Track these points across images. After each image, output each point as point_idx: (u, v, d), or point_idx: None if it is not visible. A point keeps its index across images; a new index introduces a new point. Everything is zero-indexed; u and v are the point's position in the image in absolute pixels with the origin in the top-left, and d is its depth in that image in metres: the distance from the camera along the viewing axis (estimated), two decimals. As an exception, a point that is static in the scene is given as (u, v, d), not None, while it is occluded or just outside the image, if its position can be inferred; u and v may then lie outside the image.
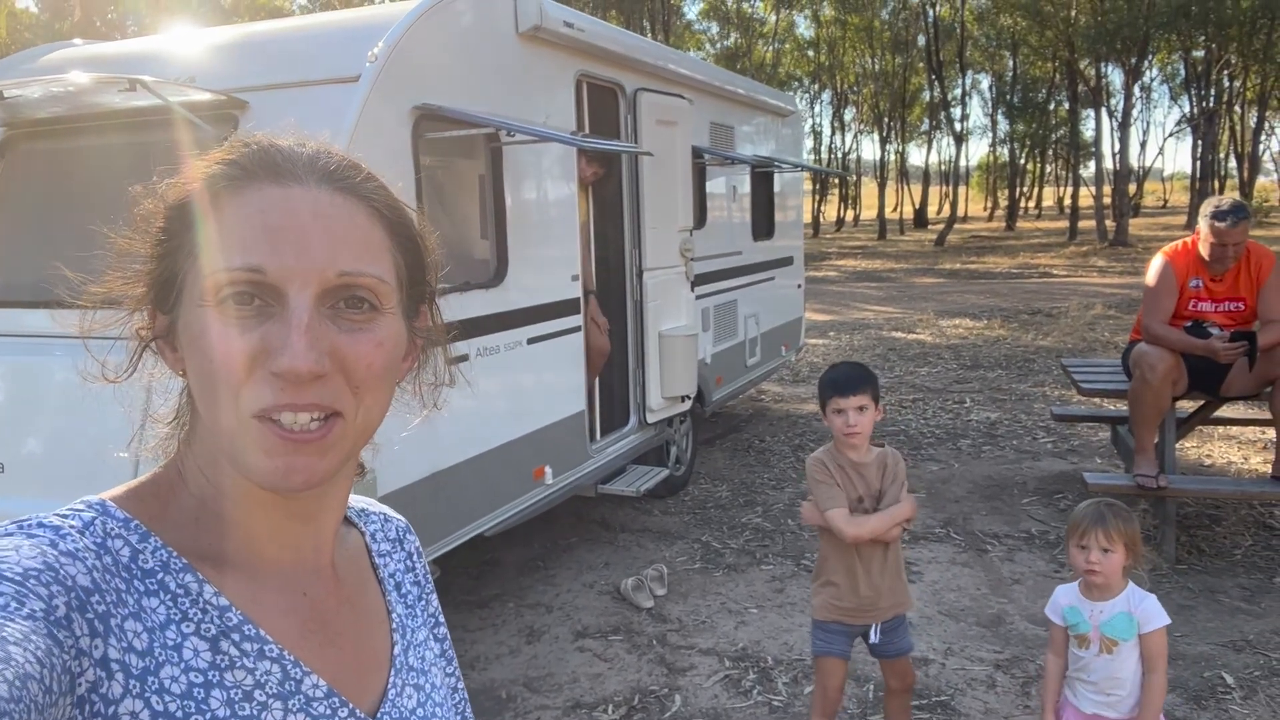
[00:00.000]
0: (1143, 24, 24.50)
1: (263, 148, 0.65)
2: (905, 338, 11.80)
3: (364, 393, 0.64)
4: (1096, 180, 29.28)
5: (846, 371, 2.71)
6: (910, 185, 51.76)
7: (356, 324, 0.63)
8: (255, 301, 0.61)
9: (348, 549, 0.78)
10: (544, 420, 4.25)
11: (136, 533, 0.64)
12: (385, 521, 0.86)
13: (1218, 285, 4.31)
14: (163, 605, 0.62)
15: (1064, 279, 18.71)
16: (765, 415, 7.82)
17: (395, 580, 0.82)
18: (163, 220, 0.66)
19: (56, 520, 0.61)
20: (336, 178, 0.65)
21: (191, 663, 0.61)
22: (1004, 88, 40.90)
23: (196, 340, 0.62)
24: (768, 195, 7.43)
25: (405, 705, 0.75)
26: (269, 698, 0.64)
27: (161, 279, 0.66)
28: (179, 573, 0.63)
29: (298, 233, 0.61)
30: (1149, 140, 74.73)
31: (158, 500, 0.67)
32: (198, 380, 0.63)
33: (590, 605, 4.19)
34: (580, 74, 4.53)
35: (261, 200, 0.62)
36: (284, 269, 0.60)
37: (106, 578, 0.59)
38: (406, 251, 0.69)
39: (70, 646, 0.54)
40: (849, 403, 2.64)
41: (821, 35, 42.15)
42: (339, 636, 0.72)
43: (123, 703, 0.56)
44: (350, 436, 0.64)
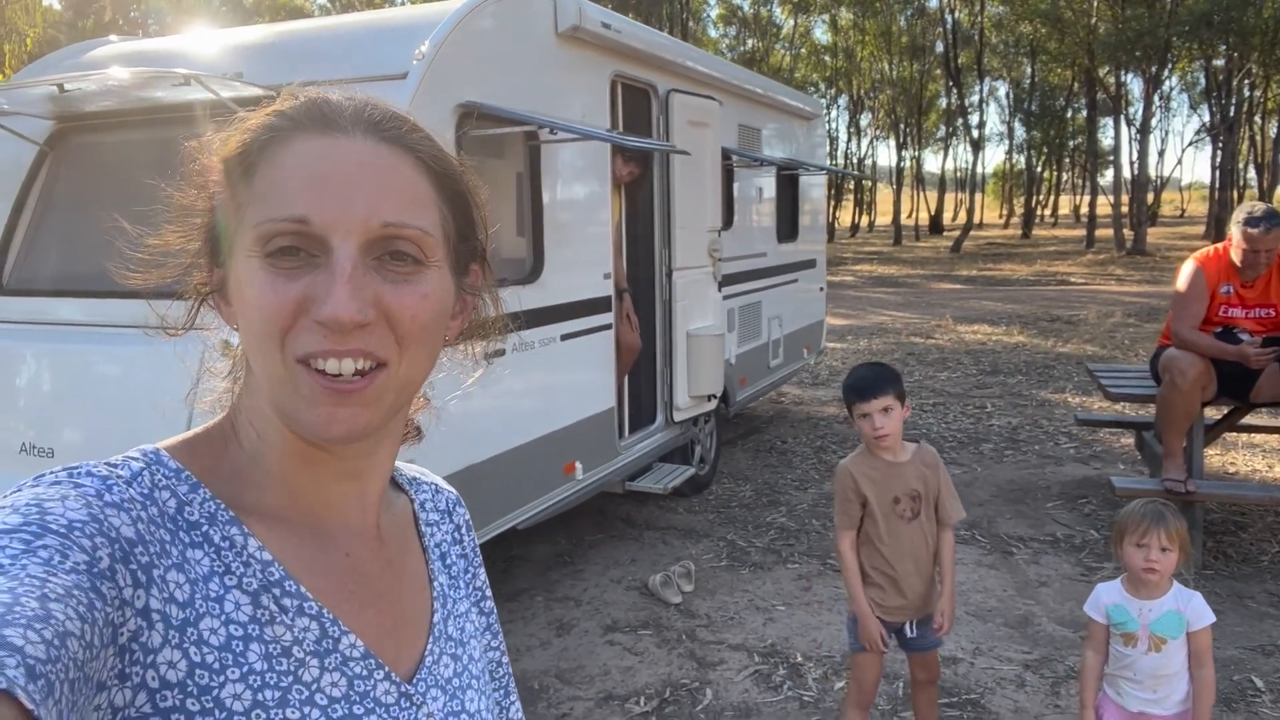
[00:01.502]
0: (1164, 32, 24.39)
1: (311, 100, 0.65)
2: (924, 343, 11.80)
3: (409, 344, 0.64)
4: (1115, 189, 29.16)
5: (867, 374, 2.67)
6: (926, 191, 51.67)
7: (401, 275, 0.63)
8: (301, 253, 0.61)
9: (394, 513, 0.78)
10: (575, 416, 4.30)
11: (186, 483, 0.64)
12: (436, 492, 0.86)
13: (1249, 291, 4.32)
14: (206, 557, 0.62)
15: (1082, 286, 18.66)
16: (786, 417, 7.85)
17: (441, 550, 0.82)
18: (217, 174, 0.66)
19: (105, 470, 0.61)
20: (383, 128, 0.65)
21: (232, 615, 0.61)
22: (1021, 95, 40.80)
23: (244, 291, 0.63)
24: (793, 197, 7.47)
25: (441, 673, 0.74)
26: (306, 654, 0.64)
27: (215, 233, 0.66)
28: (225, 525, 0.64)
29: (342, 182, 0.61)
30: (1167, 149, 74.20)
31: (211, 452, 0.68)
32: (246, 330, 0.63)
33: (618, 600, 4.23)
34: (615, 74, 4.58)
35: (307, 151, 0.62)
36: (327, 219, 0.61)
37: (151, 529, 0.59)
38: (455, 206, 0.69)
39: (114, 598, 0.54)
40: (873, 405, 2.61)
41: (838, 40, 42.14)
42: (379, 599, 0.72)
43: (161, 652, 0.57)
44: (394, 389, 0.64)
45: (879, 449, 2.69)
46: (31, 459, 3.42)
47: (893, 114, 43.00)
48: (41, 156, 3.83)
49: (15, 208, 3.83)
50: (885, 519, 2.69)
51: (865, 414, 2.63)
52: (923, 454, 2.74)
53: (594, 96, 4.40)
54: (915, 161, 46.88)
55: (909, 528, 2.70)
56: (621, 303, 4.80)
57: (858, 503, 2.70)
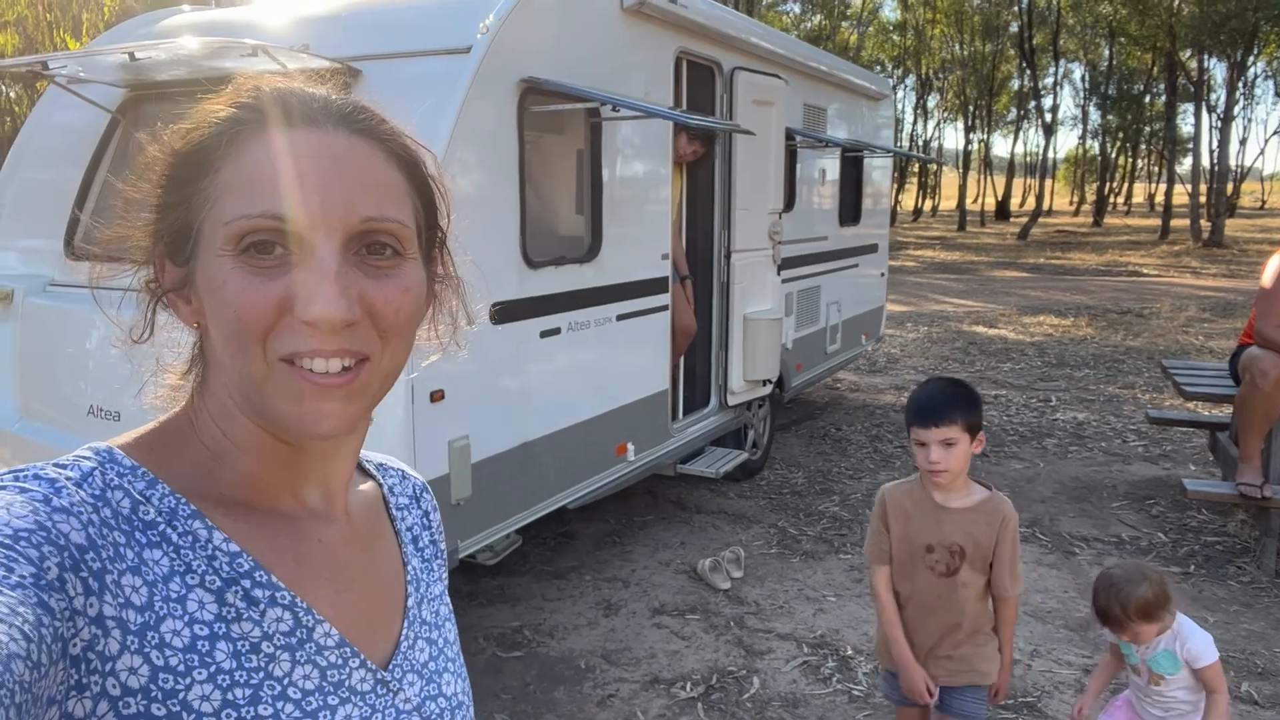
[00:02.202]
0: (1252, 15, 23.32)
1: (276, 91, 0.63)
2: (987, 332, 11.52)
3: (391, 338, 0.63)
4: (1193, 178, 28.11)
5: (934, 393, 2.21)
6: (993, 176, 50.42)
7: (382, 270, 0.63)
8: (277, 249, 0.60)
9: (363, 498, 0.77)
10: (628, 397, 4.27)
11: (143, 480, 0.62)
12: (403, 478, 0.85)
13: (1340, 290, 4.10)
14: (165, 557, 0.60)
15: (1155, 279, 18.04)
16: (842, 404, 7.73)
17: (413, 534, 0.81)
18: (173, 168, 0.64)
19: (53, 472, 0.59)
20: (352, 120, 0.63)
21: (196, 615, 0.60)
22: (1098, 78, 39.45)
23: (218, 291, 0.60)
24: (856, 180, 7.31)
25: (417, 658, 0.74)
26: (277, 649, 0.63)
27: (175, 229, 0.64)
28: (186, 519, 0.62)
29: (319, 178, 0.60)
30: (1249, 138, 71.43)
31: (167, 447, 0.66)
32: (220, 331, 0.61)
33: (667, 583, 4.21)
34: (680, 51, 4.49)
35: (279, 145, 0.61)
36: (307, 216, 0.59)
37: (104, 532, 0.57)
38: (422, 195, 0.68)
39: (63, 610, 0.52)
40: (932, 435, 2.15)
41: (908, 18, 41.18)
42: (354, 584, 0.71)
43: (120, 659, 0.55)
44: (376, 381, 0.64)
45: (931, 485, 2.26)
46: (99, 421, 3.51)
47: (962, 95, 41.92)
48: (113, 124, 3.90)
49: (88, 174, 3.90)
50: (910, 563, 2.29)
51: (922, 443, 2.18)
52: (989, 506, 2.25)
53: (657, 73, 4.33)
54: (984, 145, 45.73)
55: (938, 583, 2.27)
56: (683, 287, 4.75)
57: (887, 534, 2.33)
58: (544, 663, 3.50)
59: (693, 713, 3.19)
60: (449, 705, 0.75)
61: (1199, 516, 5.00)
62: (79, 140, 3.95)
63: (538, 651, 3.59)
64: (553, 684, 3.36)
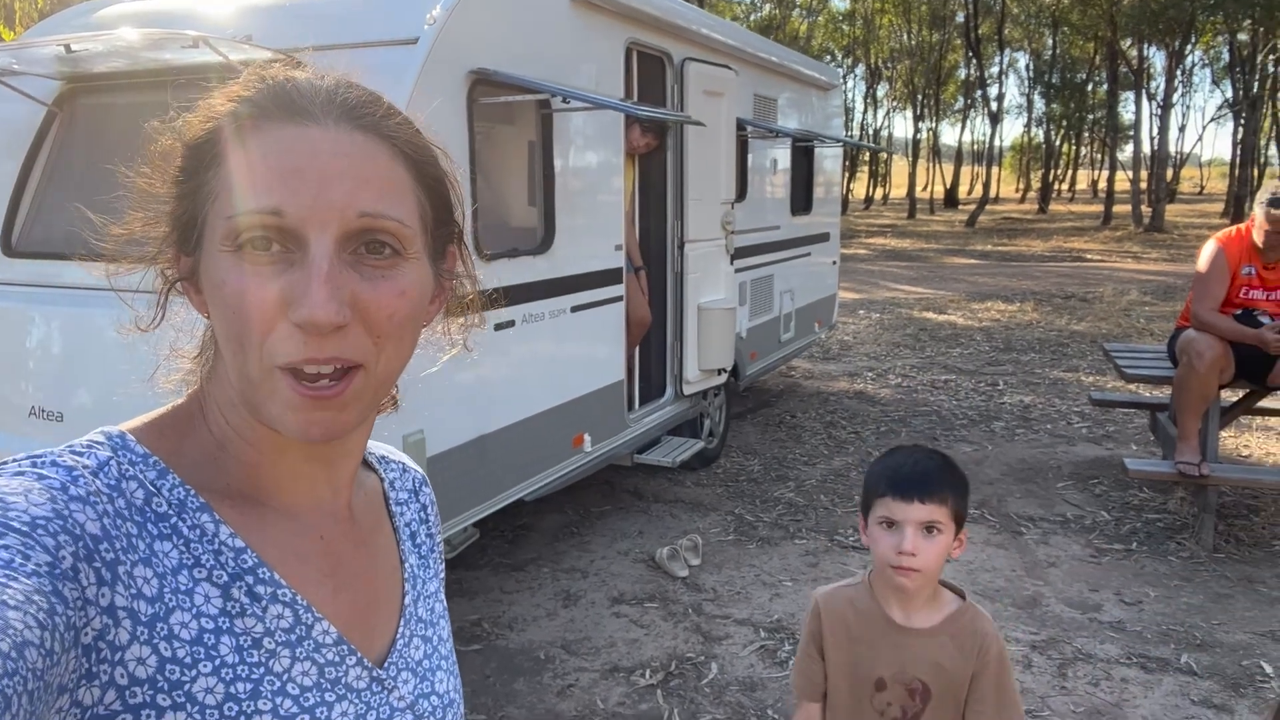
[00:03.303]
0: (1188, 5, 23.93)
1: (279, 84, 0.63)
2: (936, 318, 11.72)
3: (385, 342, 0.63)
4: (1134, 164, 28.80)
5: (918, 460, 1.60)
6: (942, 164, 51.13)
7: (379, 270, 0.62)
8: (274, 247, 0.59)
9: (365, 493, 0.78)
10: (585, 388, 4.28)
11: (155, 469, 0.63)
12: (404, 471, 0.85)
13: (1270, 273, 4.25)
14: (175, 550, 0.61)
15: (1098, 264, 18.48)
16: (796, 391, 7.82)
17: (410, 530, 0.82)
18: (181, 159, 0.64)
19: (70, 460, 0.59)
20: (356, 114, 0.62)
21: (202, 609, 0.60)
22: (1042, 67, 40.18)
23: (218, 288, 0.61)
24: (807, 170, 7.38)
25: (412, 656, 0.74)
26: (278, 645, 0.63)
27: (182, 220, 0.64)
28: (195, 512, 0.63)
29: (317, 173, 0.59)
30: (1188, 125, 73.37)
31: (178, 434, 0.66)
32: (221, 327, 0.62)
33: (625, 572, 4.23)
34: (630, 42, 4.50)
35: (280, 140, 0.60)
36: (302, 210, 0.59)
37: (118, 523, 0.58)
38: (431, 191, 0.67)
39: (75, 599, 0.53)
40: (913, 512, 1.54)
41: (857, 8, 41.53)
42: (353, 581, 0.71)
43: (130, 649, 0.56)
44: (371, 387, 0.63)
45: (891, 587, 1.62)
46: (41, 422, 3.43)
47: (910, 85, 42.44)
48: (50, 117, 3.80)
49: (24, 169, 3.80)
50: (852, 703, 1.65)
51: (890, 521, 1.57)
52: (963, 623, 1.62)
53: (608, 64, 4.33)
54: (932, 133, 46.34)
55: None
56: (638, 278, 4.76)
57: (820, 660, 1.70)
58: (503, 655, 3.51)
59: (652, 700, 3.23)
60: (441, 703, 0.76)
61: (1140, 495, 5.15)
62: (14, 135, 3.84)
63: (497, 644, 3.59)
64: (512, 676, 3.37)
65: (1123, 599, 3.89)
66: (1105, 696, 3.18)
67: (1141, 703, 3.14)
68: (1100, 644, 3.52)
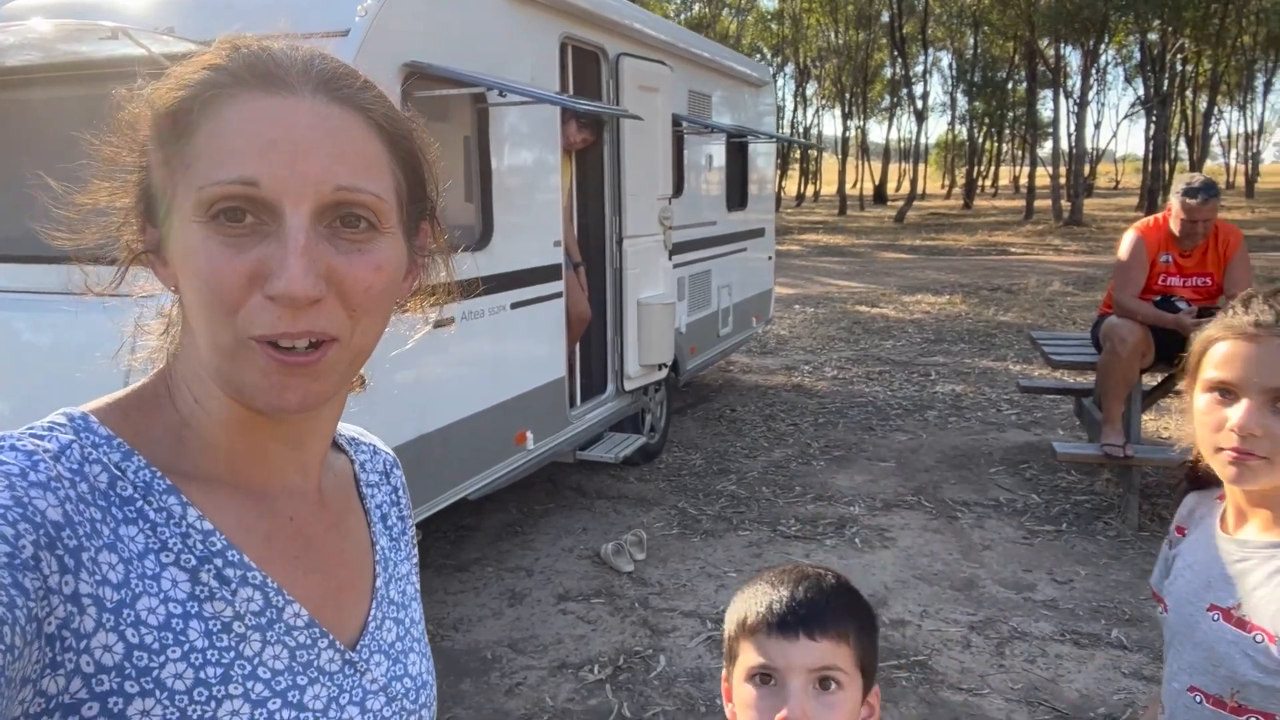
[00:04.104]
0: (1102, 5, 24.82)
1: (254, 53, 0.61)
2: (869, 312, 11.94)
3: (360, 316, 0.62)
4: (1053, 160, 29.76)
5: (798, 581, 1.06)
6: (870, 162, 52.12)
7: (355, 244, 0.61)
8: (248, 218, 0.58)
9: (335, 475, 0.77)
10: (526, 385, 4.25)
11: (119, 451, 0.61)
12: (374, 453, 0.84)
13: (1187, 261, 4.43)
14: (141, 534, 0.59)
15: (1022, 256, 19.04)
16: (735, 386, 7.89)
17: (382, 512, 0.81)
18: (150, 127, 0.62)
19: (31, 444, 0.58)
20: (333, 86, 0.61)
21: (170, 593, 0.59)
22: (964, 66, 41.25)
23: (189, 259, 0.59)
24: (742, 166, 7.44)
25: (384, 638, 0.74)
26: (248, 629, 0.62)
27: (150, 190, 0.63)
28: (162, 494, 0.61)
29: (292, 145, 0.58)
30: (1103, 122, 75.99)
31: (143, 415, 0.65)
32: (191, 299, 0.60)
33: (570, 569, 4.22)
34: (564, 36, 4.48)
35: (255, 110, 0.59)
36: (278, 182, 0.58)
37: (80, 508, 0.57)
38: (407, 167, 0.66)
39: (37, 589, 0.51)
40: (796, 657, 1.01)
41: (785, 7, 42.07)
42: (323, 563, 0.71)
43: (95, 637, 0.55)
44: (345, 360, 0.63)
45: None
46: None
47: (839, 83, 43.16)
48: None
49: (-70, 168, 3.62)
50: None
51: (765, 671, 1.02)
52: None
53: (543, 59, 4.31)
54: (860, 131, 47.20)
55: None
56: (577, 274, 4.75)
57: None
58: (449, 656, 3.47)
59: (601, 694, 3.22)
60: (414, 685, 0.75)
61: (1068, 477, 5.32)
62: (-82, 131, 3.65)
63: (442, 645, 3.54)
64: (459, 677, 3.33)
65: (1055, 578, 4.02)
66: (1042, 673, 3.28)
67: (1076, 677, 3.24)
68: (1035, 622, 3.63)
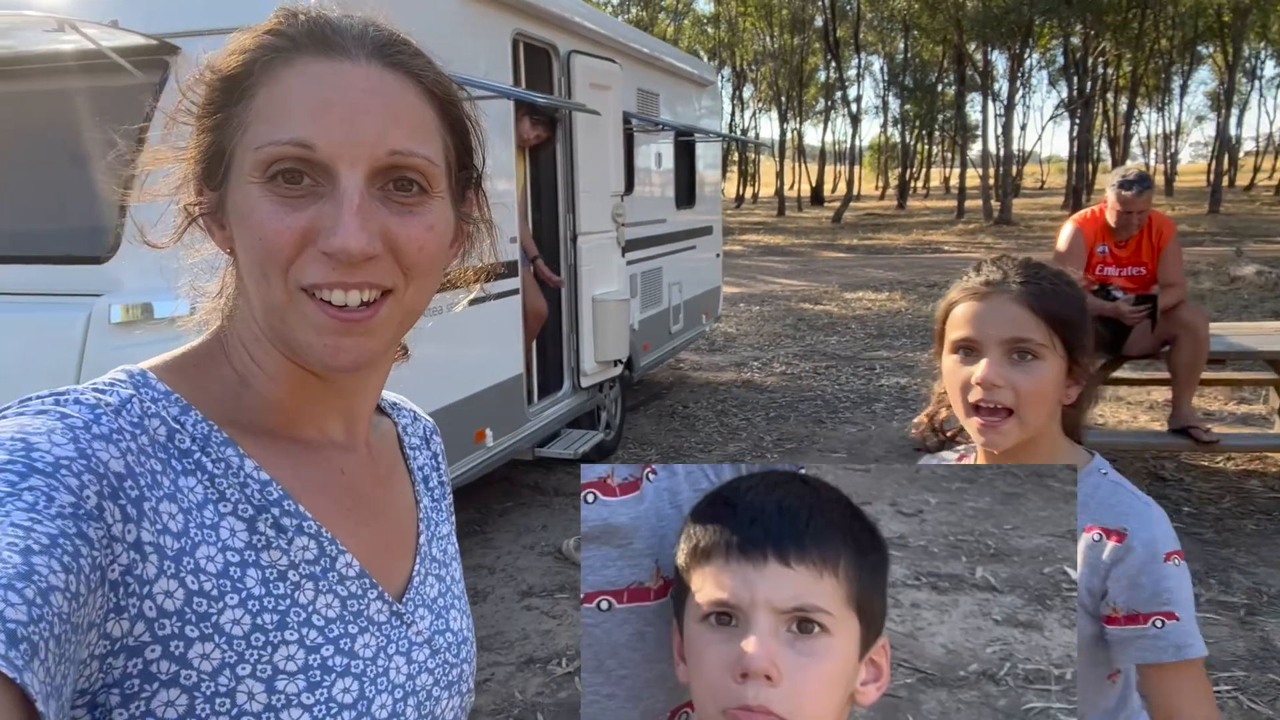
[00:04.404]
0: (1027, 10, 25.61)
1: (311, 19, 0.63)
2: (813, 309, 12.13)
3: (414, 275, 0.64)
4: (983, 161, 30.58)
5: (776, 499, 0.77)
6: (807, 163, 52.91)
7: (406, 206, 0.63)
8: (305, 180, 0.60)
9: (381, 435, 0.79)
10: (484, 383, 4.23)
11: (177, 405, 0.63)
12: (415, 419, 0.86)
13: (1122, 251, 4.61)
14: (200, 485, 0.61)
15: (955, 254, 19.53)
16: (686, 383, 7.94)
17: (423, 474, 0.83)
18: (211, 92, 0.64)
19: (93, 397, 0.59)
20: (387, 52, 0.63)
21: (228, 542, 0.61)
22: (896, 70, 42.15)
23: (246, 218, 0.61)
24: (690, 164, 7.51)
25: (428, 593, 0.75)
26: (302, 578, 0.64)
27: (209, 153, 0.64)
28: (220, 446, 0.63)
29: (348, 109, 0.60)
30: (1029, 124, 78.33)
31: (200, 372, 0.67)
32: (246, 257, 0.62)
33: (533, 566, 4.21)
34: (517, 33, 4.47)
35: (312, 73, 0.61)
36: (333, 145, 0.59)
37: (141, 459, 0.58)
38: (456, 133, 0.68)
39: (100, 538, 0.53)
40: (762, 589, 0.73)
41: (721, 11, 42.50)
42: (373, 517, 0.72)
43: (157, 583, 0.56)
44: (397, 318, 0.64)
45: None
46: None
47: (775, 86, 43.73)
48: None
49: None
50: None
51: (724, 611, 0.74)
52: None
53: (496, 55, 4.30)
54: (797, 134, 47.89)
55: None
56: (536, 267, 4.74)
57: None
58: (415, 655, 3.44)
59: (570, 687, 3.22)
60: (456, 640, 0.77)
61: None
62: None
63: (408, 645, 3.51)
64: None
65: (900, 509, 4.08)
66: (897, 628, 3.34)
67: (939, 629, 3.23)
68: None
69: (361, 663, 0.66)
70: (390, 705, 0.68)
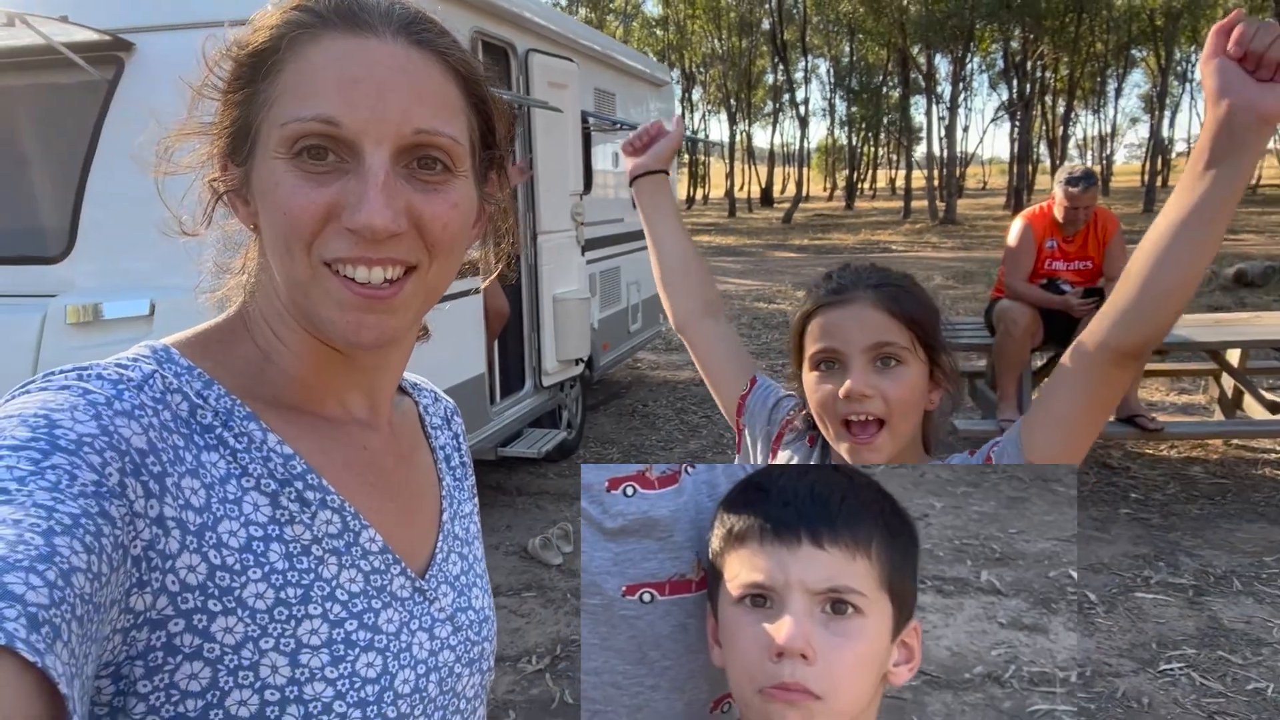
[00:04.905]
0: (968, 14, 26.17)
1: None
2: (767, 308, 12.25)
3: (438, 252, 0.64)
4: (928, 163, 31.14)
5: (809, 484, 0.78)
6: (756, 165, 53.37)
7: (431, 185, 0.63)
8: (330, 156, 0.60)
9: (403, 413, 0.79)
10: (446, 382, 4.20)
11: (199, 380, 0.63)
12: (436, 400, 0.86)
13: (1070, 246, 4.75)
14: (222, 460, 0.61)
15: (903, 254, 19.88)
16: (645, 381, 7.97)
17: (445, 453, 0.83)
18: (238, 67, 0.63)
19: (115, 373, 0.59)
20: (413, 30, 0.63)
21: (251, 517, 0.61)
22: (842, 72, 42.73)
23: (270, 193, 0.61)
24: (645, 164, 7.53)
25: (450, 570, 0.76)
26: (326, 552, 0.64)
27: (235, 129, 0.64)
28: (242, 420, 0.63)
29: (374, 86, 0.60)
30: (971, 126, 79.92)
31: (222, 348, 0.67)
32: (270, 232, 0.62)
33: (499, 565, 4.20)
34: (475, 31, 4.46)
35: (338, 50, 0.60)
36: (359, 122, 0.59)
37: (164, 435, 0.58)
38: (480, 113, 0.68)
39: (123, 516, 0.53)
40: (795, 571, 0.74)
41: (669, 14, 42.68)
42: (395, 494, 0.73)
43: (180, 558, 0.56)
44: (420, 295, 0.65)
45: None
46: None
47: (724, 89, 44.04)
48: None
49: None
50: None
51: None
52: None
53: (455, 53, 4.28)
54: (746, 136, 48.28)
55: None
56: None
57: None
58: (384, 657, 3.41)
59: (541, 683, 3.23)
60: (477, 618, 0.77)
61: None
62: None
63: (375, 647, 3.48)
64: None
65: None
66: None
67: (944, 632, 3.13)
68: (950, 588, 3.78)
69: (385, 638, 0.66)
70: (413, 680, 0.68)
